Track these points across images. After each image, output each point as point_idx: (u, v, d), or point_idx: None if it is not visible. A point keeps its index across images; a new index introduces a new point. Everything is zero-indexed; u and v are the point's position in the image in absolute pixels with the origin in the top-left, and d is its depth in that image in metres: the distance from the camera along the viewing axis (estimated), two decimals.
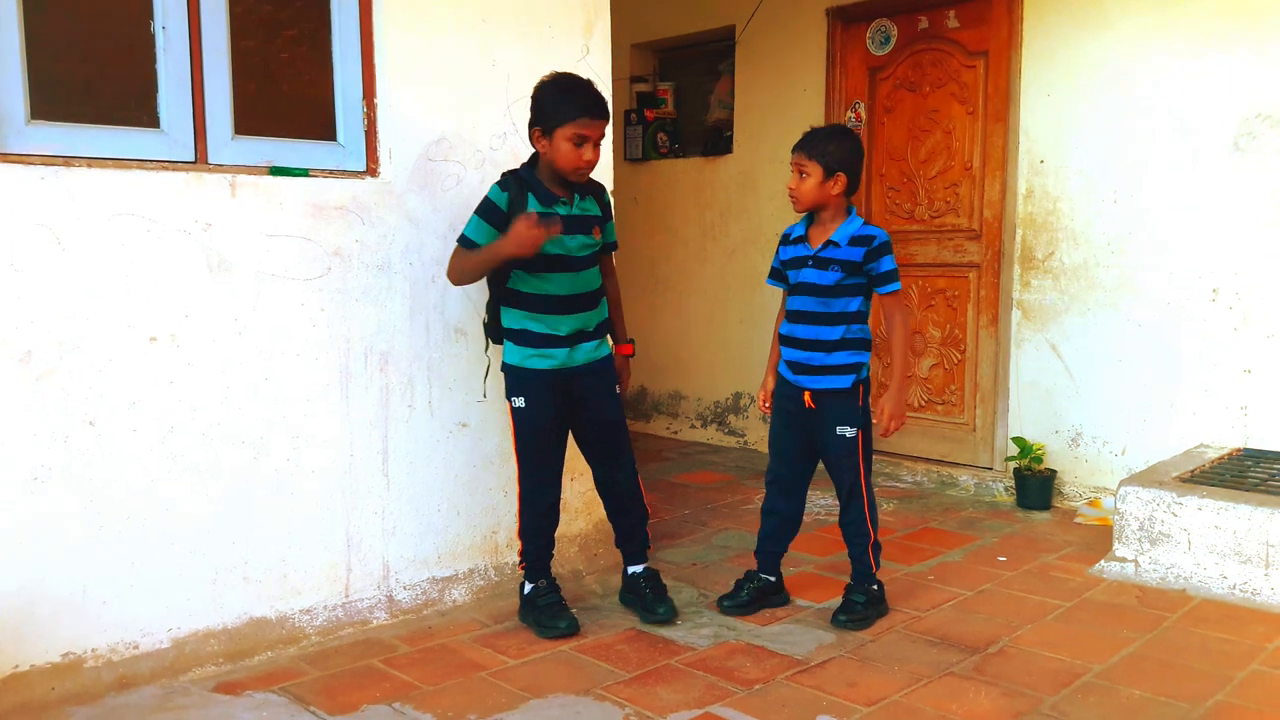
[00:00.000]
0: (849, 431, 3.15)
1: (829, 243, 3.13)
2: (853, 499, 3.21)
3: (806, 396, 3.17)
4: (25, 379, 2.58)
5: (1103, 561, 3.75)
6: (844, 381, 3.14)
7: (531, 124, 3.03)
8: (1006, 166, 4.80)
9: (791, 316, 3.21)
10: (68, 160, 2.65)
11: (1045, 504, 4.62)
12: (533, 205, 3.00)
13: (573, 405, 3.16)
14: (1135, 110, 4.39)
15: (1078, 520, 4.42)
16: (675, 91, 6.49)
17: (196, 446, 2.86)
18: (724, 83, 6.20)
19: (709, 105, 6.38)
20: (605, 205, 3.22)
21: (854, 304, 3.14)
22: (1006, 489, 4.81)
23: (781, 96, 5.67)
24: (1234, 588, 3.44)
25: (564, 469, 3.24)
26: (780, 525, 3.37)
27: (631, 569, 3.38)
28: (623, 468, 3.28)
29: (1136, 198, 4.41)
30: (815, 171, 3.09)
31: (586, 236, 3.09)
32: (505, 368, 3.13)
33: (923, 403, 5.23)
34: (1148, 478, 3.80)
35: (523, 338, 3.08)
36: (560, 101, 2.96)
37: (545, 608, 3.14)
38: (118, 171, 2.70)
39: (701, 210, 6.15)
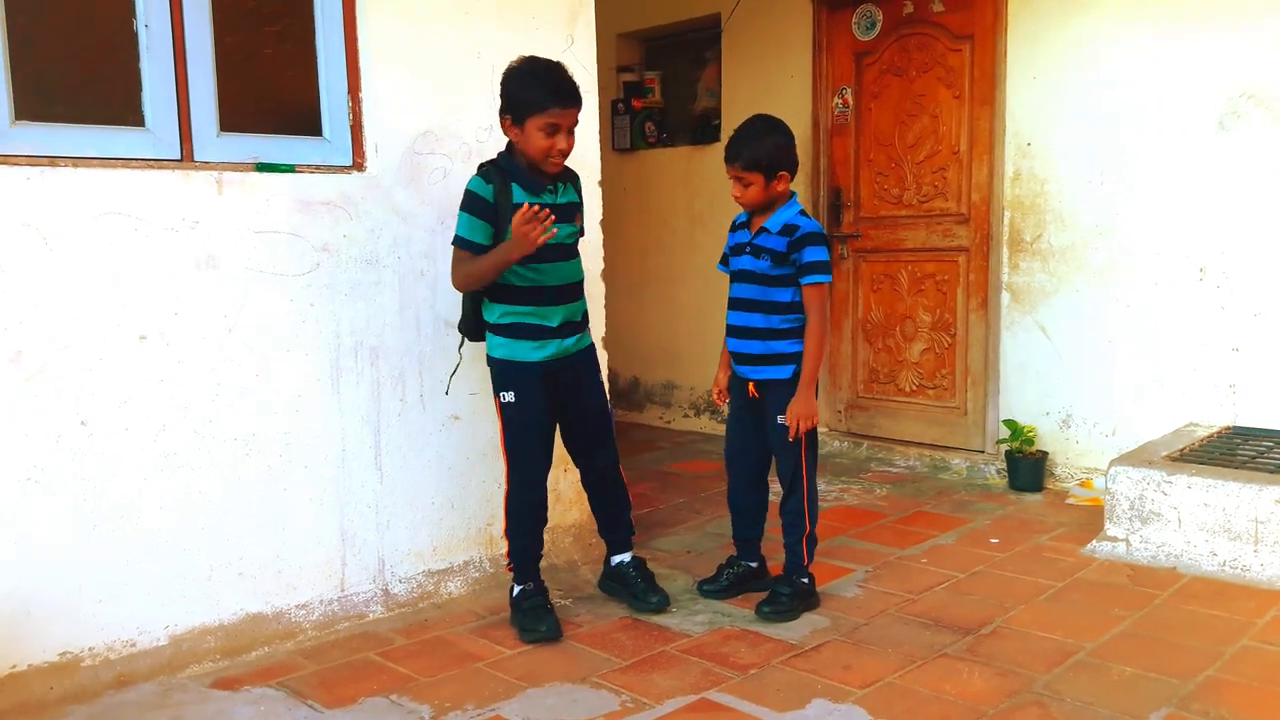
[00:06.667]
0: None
1: (762, 230, 3.17)
2: (794, 488, 3.20)
3: (751, 386, 3.21)
4: (15, 379, 2.59)
5: (1094, 541, 3.77)
6: (784, 372, 3.16)
7: (502, 112, 2.94)
8: (994, 150, 4.81)
9: (731, 304, 3.25)
10: (53, 160, 2.64)
11: (1037, 486, 4.64)
12: (519, 195, 2.94)
13: (562, 396, 3.13)
14: (1121, 91, 4.39)
15: (1069, 501, 4.45)
16: (662, 80, 6.47)
17: (189, 444, 2.86)
18: (711, 71, 6.20)
19: (696, 94, 6.37)
20: (581, 192, 3.19)
21: (787, 294, 3.14)
22: (999, 471, 4.83)
23: (768, 83, 5.67)
24: (1224, 564, 3.47)
25: (554, 462, 3.23)
26: (747, 513, 3.40)
27: (617, 558, 3.37)
28: (608, 456, 3.28)
29: (1123, 178, 4.42)
30: (758, 180, 3.10)
31: (571, 224, 3.07)
32: (492, 361, 3.06)
33: (914, 387, 5.24)
34: (1138, 457, 3.82)
35: (514, 330, 3.01)
36: (530, 89, 2.88)
37: (529, 611, 3.09)
38: (103, 171, 2.70)
39: (691, 199, 6.15)
